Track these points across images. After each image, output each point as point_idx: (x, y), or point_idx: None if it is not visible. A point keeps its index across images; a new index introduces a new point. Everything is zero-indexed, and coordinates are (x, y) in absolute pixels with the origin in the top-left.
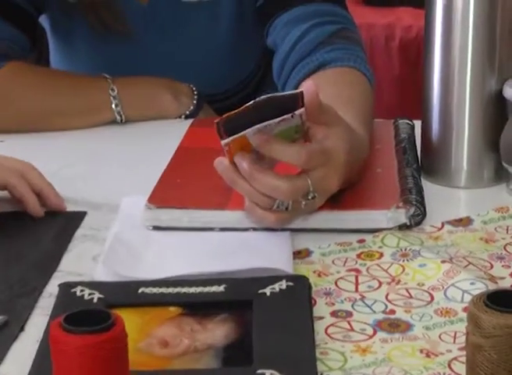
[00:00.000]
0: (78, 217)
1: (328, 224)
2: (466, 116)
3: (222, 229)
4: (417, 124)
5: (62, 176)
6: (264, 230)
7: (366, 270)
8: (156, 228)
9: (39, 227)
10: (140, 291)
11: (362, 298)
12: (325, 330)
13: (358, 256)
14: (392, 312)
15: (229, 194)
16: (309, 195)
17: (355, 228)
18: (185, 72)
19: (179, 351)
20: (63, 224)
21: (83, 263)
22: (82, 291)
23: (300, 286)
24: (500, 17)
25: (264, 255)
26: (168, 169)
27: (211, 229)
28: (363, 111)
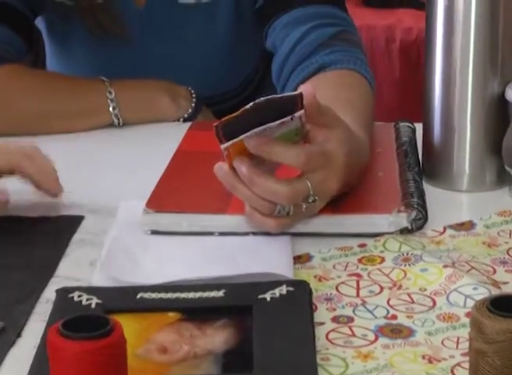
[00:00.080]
0: (75, 221)
1: (328, 228)
2: (468, 119)
3: (222, 233)
4: (418, 127)
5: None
6: (264, 235)
7: (367, 275)
8: (154, 232)
9: (36, 232)
10: (139, 297)
11: (363, 303)
12: (326, 336)
13: (359, 261)
14: (393, 318)
15: (229, 198)
16: (309, 199)
17: (356, 232)
18: (183, 74)
19: (178, 357)
20: (60, 229)
21: (80, 268)
22: (80, 297)
23: (301, 291)
24: (502, 18)
25: (264, 260)
26: (166, 172)
27: (210, 233)
28: (363, 113)
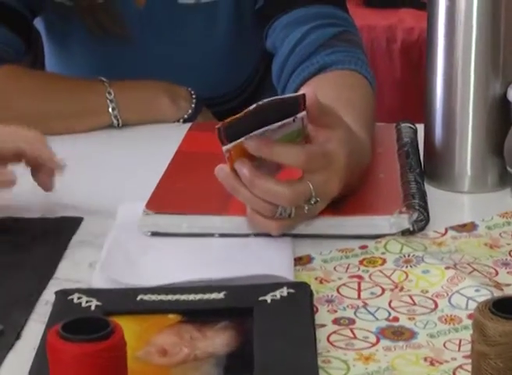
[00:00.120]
0: (74, 223)
1: (330, 230)
2: (470, 120)
3: (222, 235)
4: (419, 128)
5: (58, 180)
6: (264, 237)
7: (369, 277)
8: (154, 234)
9: (35, 233)
10: (139, 298)
11: (365, 305)
12: (327, 338)
13: (360, 262)
14: (395, 320)
15: (229, 199)
16: (311, 200)
17: (357, 234)
18: (182, 75)
19: (178, 359)
20: (59, 230)
21: (80, 270)
22: (79, 299)
23: (302, 293)
24: (504, 18)
25: (264, 262)
26: (166, 173)
27: (210, 235)
28: (364, 114)
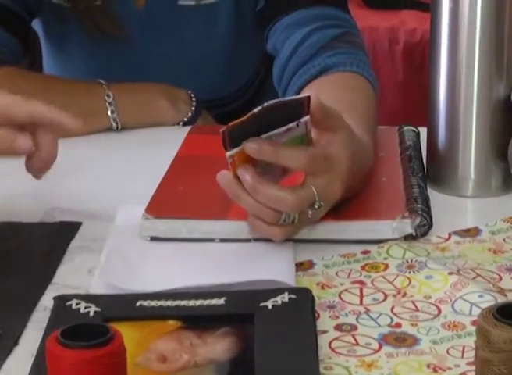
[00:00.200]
0: (73, 228)
1: (331, 235)
2: (473, 123)
3: (222, 240)
4: (421, 131)
5: (56, 184)
6: (265, 241)
7: (371, 282)
8: (154, 239)
9: (33, 238)
10: (138, 304)
11: (367, 311)
12: (329, 345)
13: (363, 268)
14: (398, 326)
15: (230, 203)
16: (315, 205)
17: (359, 239)
18: (182, 77)
19: (178, 366)
20: (57, 235)
21: (78, 275)
22: (78, 305)
23: (303, 299)
24: (508, 19)
25: (265, 267)
26: (166, 177)
27: (210, 240)
28: (366, 116)
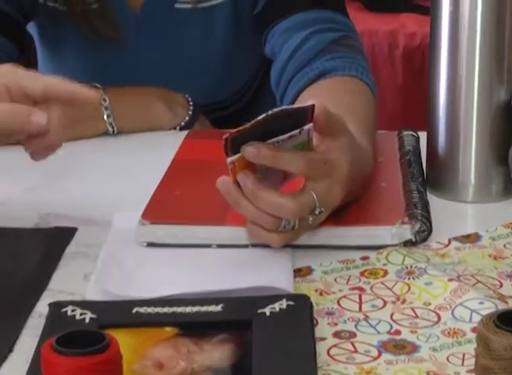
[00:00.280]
0: (68, 233)
1: (330, 241)
2: (473, 127)
3: (220, 245)
4: (421, 135)
5: (51, 189)
6: (263, 247)
7: (370, 289)
8: (150, 245)
9: (28, 244)
10: (134, 311)
11: (366, 318)
12: (328, 352)
13: (362, 274)
14: (397, 333)
15: (227, 209)
16: (316, 211)
17: (358, 245)
18: (179, 80)
19: (174, 373)
20: (53, 241)
21: (74, 282)
22: (73, 311)
23: (301, 305)
24: (509, 23)
25: (263, 273)
26: (162, 182)
27: (208, 245)
28: (365, 121)
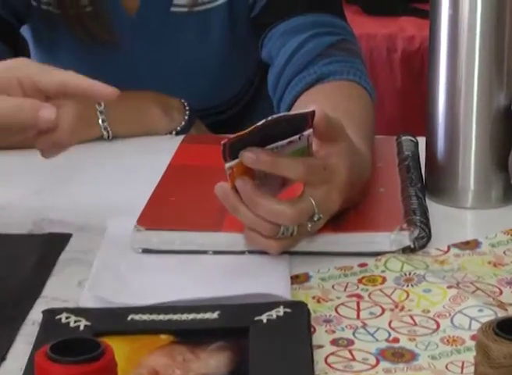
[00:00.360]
0: (62, 239)
1: (328, 247)
2: (473, 133)
3: (216, 252)
4: (420, 140)
5: (45, 195)
6: (260, 254)
7: (368, 296)
8: (146, 251)
9: (21, 250)
10: (129, 318)
11: (364, 326)
12: (325, 360)
13: (360, 281)
14: (395, 341)
15: (224, 214)
16: (315, 217)
17: (356, 251)
18: (175, 84)
19: None
20: (47, 247)
21: (68, 288)
22: (67, 318)
23: (299, 312)
24: (509, 26)
25: (260, 280)
26: (158, 188)
27: (204, 252)
28: (364, 126)
